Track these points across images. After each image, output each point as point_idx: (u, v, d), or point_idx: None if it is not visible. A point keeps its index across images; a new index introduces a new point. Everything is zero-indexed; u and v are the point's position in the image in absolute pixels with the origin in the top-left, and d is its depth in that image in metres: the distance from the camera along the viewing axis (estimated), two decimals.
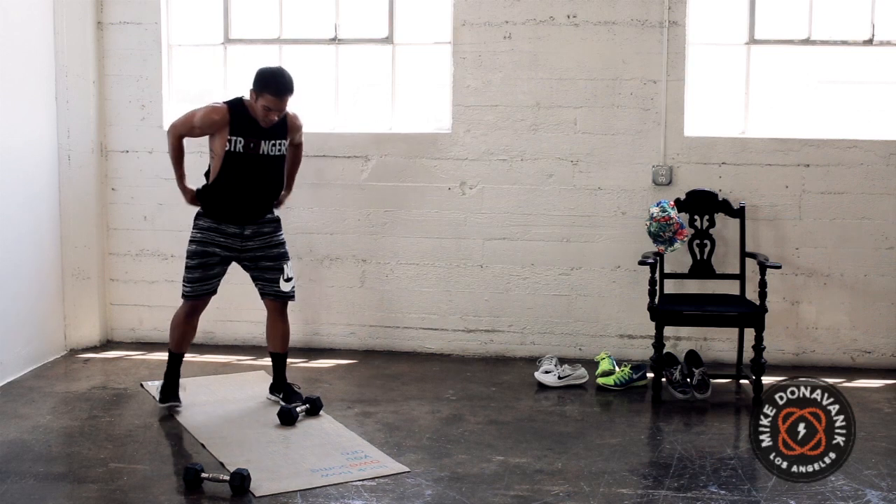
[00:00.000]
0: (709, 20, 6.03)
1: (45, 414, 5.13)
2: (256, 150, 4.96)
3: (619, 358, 5.92)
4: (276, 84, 4.87)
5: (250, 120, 4.93)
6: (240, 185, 4.99)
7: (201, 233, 5.05)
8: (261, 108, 4.88)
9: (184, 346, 5.22)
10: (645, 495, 4.15)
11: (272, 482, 4.24)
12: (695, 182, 5.95)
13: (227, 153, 4.93)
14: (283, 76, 4.93)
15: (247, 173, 4.98)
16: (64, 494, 4.14)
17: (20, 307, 5.84)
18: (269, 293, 5.18)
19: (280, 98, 4.87)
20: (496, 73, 6.09)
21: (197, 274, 5.04)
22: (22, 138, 5.86)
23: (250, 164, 4.97)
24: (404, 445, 4.70)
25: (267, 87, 4.85)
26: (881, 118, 6.09)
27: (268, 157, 5.01)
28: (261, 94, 4.86)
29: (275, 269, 5.13)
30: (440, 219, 6.22)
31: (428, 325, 6.31)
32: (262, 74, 4.92)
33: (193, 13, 6.45)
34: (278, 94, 4.86)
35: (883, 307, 5.99)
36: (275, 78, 4.89)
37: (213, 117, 4.93)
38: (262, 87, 4.87)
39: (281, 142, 5.05)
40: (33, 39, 5.97)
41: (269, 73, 4.93)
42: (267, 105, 4.86)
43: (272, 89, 4.85)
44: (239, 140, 4.92)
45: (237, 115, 4.92)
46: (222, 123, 4.91)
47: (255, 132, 4.95)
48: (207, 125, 4.95)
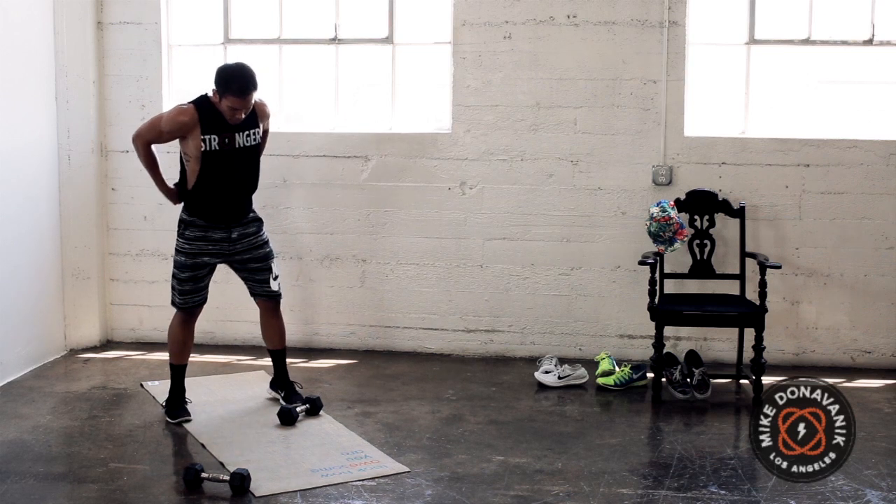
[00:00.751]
0: (709, 20, 6.03)
1: (45, 414, 5.13)
2: (232, 145, 4.88)
3: (619, 358, 5.92)
4: (238, 83, 4.74)
5: (219, 115, 4.82)
6: (221, 183, 4.91)
7: (189, 243, 4.95)
8: (226, 109, 4.78)
9: (185, 356, 5.14)
10: (645, 495, 4.15)
11: (272, 482, 4.25)
12: (695, 182, 5.95)
13: (203, 153, 4.82)
14: (244, 74, 4.78)
15: (226, 170, 4.90)
16: (64, 494, 4.14)
17: (20, 307, 5.84)
18: (261, 293, 5.15)
19: (243, 97, 4.76)
20: (496, 73, 6.09)
21: (188, 286, 4.99)
22: (22, 138, 5.86)
23: (228, 160, 4.89)
24: (404, 445, 4.70)
25: (229, 88, 4.74)
26: (881, 118, 6.09)
27: (244, 149, 4.93)
28: (224, 95, 4.76)
29: (263, 269, 5.10)
30: (440, 219, 6.22)
31: (428, 325, 6.31)
32: (222, 74, 4.80)
33: (193, 13, 6.44)
34: (241, 93, 4.75)
35: (883, 307, 5.99)
36: (235, 77, 4.76)
37: (182, 119, 4.80)
38: (223, 87, 4.76)
39: (254, 131, 4.97)
40: (33, 39, 5.97)
41: (230, 72, 4.80)
42: (231, 105, 4.76)
43: (234, 89, 4.74)
44: (213, 138, 4.82)
45: (206, 113, 4.81)
46: (192, 124, 4.79)
47: (227, 127, 4.85)
48: (177, 128, 4.82)
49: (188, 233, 4.96)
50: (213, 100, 4.84)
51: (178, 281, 5.00)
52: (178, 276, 4.99)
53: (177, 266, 4.99)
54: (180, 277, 4.98)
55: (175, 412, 5.01)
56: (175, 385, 5.10)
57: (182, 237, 4.98)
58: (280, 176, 6.27)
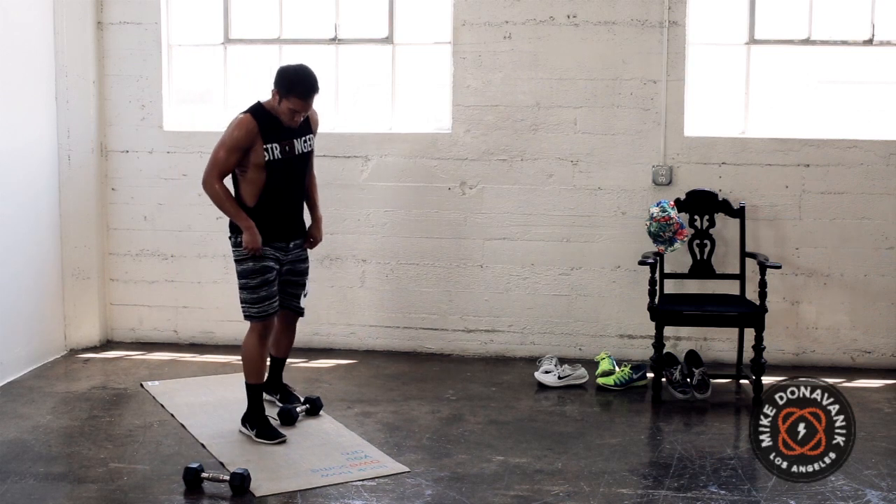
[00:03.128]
0: (709, 20, 6.03)
1: (45, 414, 5.13)
2: (293, 152, 4.75)
3: (619, 358, 5.92)
4: (303, 85, 4.63)
5: (277, 122, 4.67)
6: (286, 193, 4.78)
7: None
8: (286, 111, 4.63)
9: (264, 374, 4.83)
10: (645, 495, 4.15)
11: (272, 482, 4.25)
12: (695, 182, 5.95)
13: (267, 164, 4.65)
14: (309, 76, 4.67)
15: (289, 178, 4.77)
16: (64, 494, 4.14)
17: (20, 307, 5.84)
18: (288, 306, 4.99)
19: (306, 100, 4.65)
20: (496, 73, 6.09)
21: (263, 292, 4.71)
22: (22, 138, 5.86)
23: (290, 168, 4.76)
24: (404, 445, 4.70)
25: (292, 89, 4.60)
26: (881, 118, 6.09)
27: (301, 156, 4.81)
28: (286, 97, 4.61)
29: (298, 283, 4.97)
30: (440, 219, 6.22)
31: (428, 325, 6.31)
32: (286, 75, 4.66)
33: (193, 13, 6.45)
34: (304, 95, 4.63)
35: (883, 307, 5.99)
36: (300, 78, 4.64)
37: (245, 130, 4.62)
38: (287, 88, 4.61)
39: (309, 137, 4.87)
40: (33, 39, 5.97)
41: (294, 73, 4.66)
42: (293, 107, 4.62)
43: (298, 91, 4.61)
44: (274, 146, 4.67)
45: (265, 122, 4.65)
46: (255, 133, 4.62)
47: (286, 133, 4.71)
48: (243, 140, 4.62)
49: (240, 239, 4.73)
50: (267, 105, 4.69)
51: (251, 290, 4.71)
52: (250, 284, 4.71)
53: (245, 275, 4.72)
54: (252, 285, 4.71)
55: (271, 432, 4.71)
56: (258, 405, 4.77)
57: (239, 245, 4.72)
58: None
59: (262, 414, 4.75)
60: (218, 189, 4.68)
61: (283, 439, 4.67)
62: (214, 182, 4.67)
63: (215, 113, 6.51)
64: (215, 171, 4.66)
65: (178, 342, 6.47)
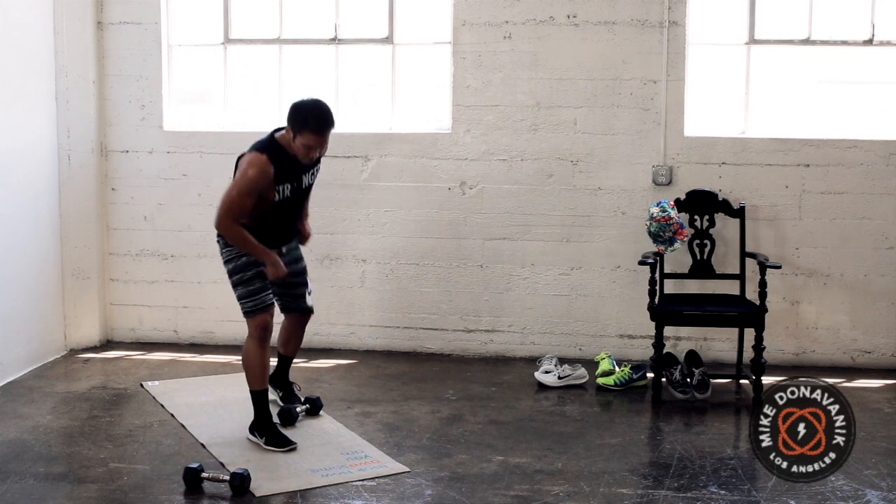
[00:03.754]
0: (709, 20, 6.03)
1: (45, 414, 5.13)
2: (300, 187, 4.73)
3: (619, 358, 5.92)
4: (317, 121, 4.51)
5: (290, 160, 4.58)
6: (284, 218, 4.77)
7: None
8: (301, 147, 4.52)
9: (266, 379, 4.75)
10: (645, 495, 4.15)
11: (272, 482, 4.25)
12: (695, 182, 5.95)
13: (275, 203, 4.62)
14: (323, 112, 4.55)
15: (290, 207, 4.76)
16: (64, 494, 4.14)
17: (20, 307, 5.84)
18: (296, 309, 5.00)
19: (322, 135, 4.53)
20: (496, 73, 6.09)
21: (258, 284, 4.67)
22: (22, 138, 5.86)
23: (294, 200, 4.74)
24: (404, 445, 4.70)
25: (306, 125, 4.49)
26: (881, 118, 6.09)
27: (308, 186, 4.83)
28: (300, 133, 4.50)
29: (301, 283, 4.96)
30: (440, 219, 6.22)
31: (428, 325, 6.31)
32: (300, 111, 4.53)
33: (193, 13, 6.44)
34: (320, 130, 4.52)
35: (883, 307, 5.99)
36: (314, 114, 4.52)
37: (260, 177, 4.51)
38: (301, 125, 4.49)
39: (318, 167, 4.83)
40: (33, 39, 5.97)
41: (308, 109, 4.54)
42: (308, 143, 4.51)
43: (312, 127, 4.49)
44: (286, 186, 4.63)
45: (279, 163, 4.55)
46: (270, 178, 4.54)
47: (297, 171, 4.65)
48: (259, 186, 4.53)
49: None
50: (281, 139, 4.59)
51: (246, 283, 4.67)
52: (244, 277, 4.66)
53: (238, 271, 4.67)
54: (247, 277, 4.66)
55: (280, 439, 4.64)
56: (265, 411, 4.70)
57: (228, 245, 4.69)
58: None
59: (269, 421, 4.70)
60: (236, 231, 4.57)
61: (293, 446, 4.61)
62: (231, 224, 4.56)
63: (215, 113, 6.51)
64: (231, 214, 4.55)
65: (178, 342, 6.47)
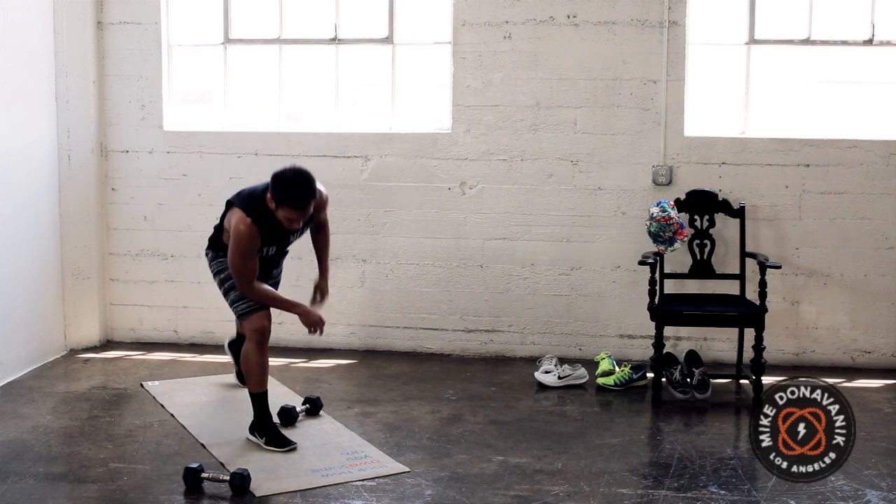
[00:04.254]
0: (709, 20, 6.03)
1: (45, 414, 5.13)
2: (285, 244, 4.82)
3: (619, 358, 5.92)
4: (295, 196, 4.47)
5: (276, 225, 4.58)
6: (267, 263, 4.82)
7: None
8: (284, 219, 4.52)
9: (266, 381, 4.73)
10: (645, 495, 4.15)
11: (272, 482, 4.25)
12: (695, 182, 5.95)
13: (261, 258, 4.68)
14: (300, 185, 4.49)
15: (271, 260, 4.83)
16: (64, 494, 4.14)
17: (20, 307, 5.84)
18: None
19: (300, 209, 4.49)
20: (496, 73, 6.09)
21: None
22: (22, 138, 5.86)
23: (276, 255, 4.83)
24: (404, 445, 4.70)
25: (285, 199, 4.46)
26: (881, 118, 6.09)
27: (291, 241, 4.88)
28: (280, 206, 4.48)
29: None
30: (440, 219, 6.22)
31: (428, 325, 6.31)
32: (278, 184, 4.48)
33: (193, 13, 6.44)
34: (297, 205, 4.48)
35: (883, 307, 5.99)
36: (292, 188, 4.47)
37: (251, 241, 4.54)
38: (280, 198, 4.47)
39: (305, 228, 4.84)
40: (33, 39, 5.97)
41: (286, 182, 4.48)
42: (289, 217, 4.50)
43: (290, 201, 4.46)
44: (272, 248, 4.72)
45: (265, 227, 4.57)
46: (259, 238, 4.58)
47: (282, 233, 4.67)
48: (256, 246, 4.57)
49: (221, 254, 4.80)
50: (269, 204, 4.55)
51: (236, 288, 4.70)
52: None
53: (229, 276, 4.71)
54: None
55: (280, 440, 4.64)
56: (265, 414, 4.70)
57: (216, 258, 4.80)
58: None
59: (270, 422, 4.71)
60: (261, 293, 4.64)
61: (293, 446, 4.62)
62: (253, 290, 4.61)
63: (215, 113, 6.51)
64: (247, 282, 4.59)
65: (178, 342, 6.47)
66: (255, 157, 6.29)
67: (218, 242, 4.83)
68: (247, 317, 4.70)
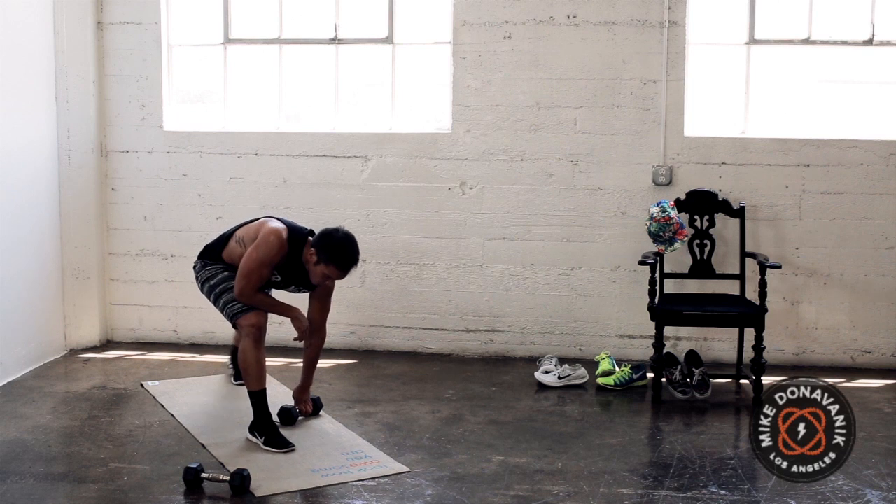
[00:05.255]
0: (709, 20, 6.04)
1: (45, 414, 5.13)
2: (287, 286, 4.87)
3: (619, 358, 5.92)
4: (346, 260, 4.61)
5: (300, 268, 4.71)
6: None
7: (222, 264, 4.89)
8: (320, 275, 4.65)
9: (265, 378, 4.73)
10: (645, 495, 4.15)
11: (272, 482, 4.24)
12: (695, 182, 5.95)
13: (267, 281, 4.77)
14: (354, 253, 4.64)
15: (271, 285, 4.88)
16: (64, 494, 4.14)
17: (20, 307, 5.84)
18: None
19: (346, 273, 4.65)
20: (496, 73, 6.09)
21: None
22: (22, 138, 5.86)
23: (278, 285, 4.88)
24: (404, 445, 4.70)
25: (334, 260, 4.59)
26: (881, 118, 6.09)
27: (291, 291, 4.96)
28: (326, 263, 4.60)
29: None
30: (440, 219, 6.22)
31: (428, 325, 6.31)
32: (332, 244, 4.60)
33: (193, 13, 6.45)
34: (345, 268, 4.62)
35: (883, 307, 5.99)
36: (344, 252, 4.61)
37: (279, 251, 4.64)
38: (329, 257, 4.59)
39: (307, 291, 4.91)
40: (33, 39, 5.97)
41: (338, 243, 4.61)
42: (329, 275, 4.65)
43: (340, 265, 4.60)
44: (277, 276, 4.77)
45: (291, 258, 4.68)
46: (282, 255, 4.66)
47: (296, 279, 4.78)
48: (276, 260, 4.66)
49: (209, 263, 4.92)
50: (305, 251, 4.67)
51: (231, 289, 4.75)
52: (229, 286, 4.76)
53: (221, 282, 4.80)
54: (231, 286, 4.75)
55: (280, 441, 4.63)
56: (265, 412, 4.70)
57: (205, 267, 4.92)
58: (280, 176, 6.28)
59: (269, 421, 4.70)
60: (258, 299, 4.71)
61: (292, 448, 4.61)
62: (254, 297, 4.69)
63: (215, 113, 6.51)
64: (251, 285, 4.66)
65: (178, 342, 6.47)
66: (255, 157, 6.30)
67: (213, 254, 4.91)
68: (242, 315, 4.72)
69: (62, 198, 6.24)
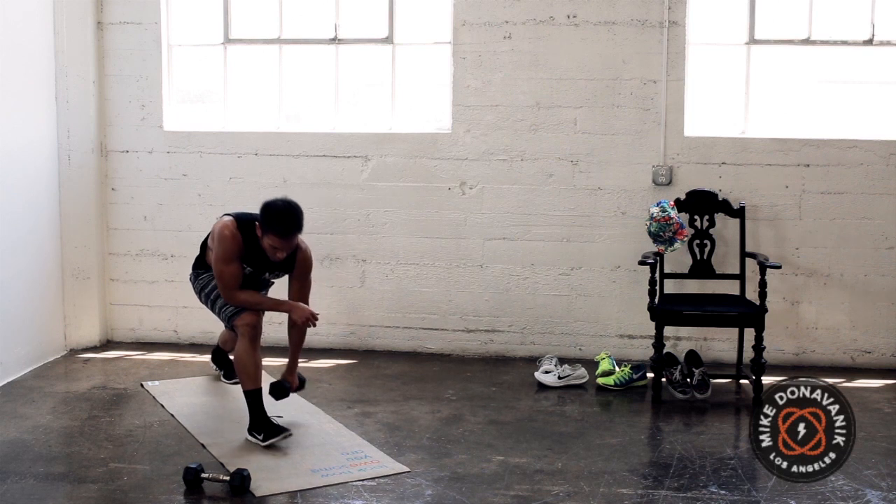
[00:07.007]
0: (709, 20, 6.04)
1: (45, 414, 5.13)
2: (260, 274, 4.91)
3: (619, 358, 5.92)
4: (282, 224, 4.61)
5: (259, 251, 4.73)
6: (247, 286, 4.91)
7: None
8: (268, 246, 4.66)
9: (260, 376, 4.76)
10: (645, 495, 4.15)
11: (272, 482, 4.24)
12: (695, 182, 5.95)
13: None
14: (289, 215, 4.65)
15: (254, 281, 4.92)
16: (64, 494, 4.14)
17: (20, 307, 5.84)
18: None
19: (286, 239, 4.64)
20: (496, 73, 6.09)
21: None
22: (22, 138, 5.86)
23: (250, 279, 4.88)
24: (404, 445, 4.70)
25: (272, 227, 4.61)
26: (881, 118, 6.09)
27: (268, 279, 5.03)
28: (267, 233, 4.63)
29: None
30: (440, 219, 6.22)
31: (428, 325, 6.31)
32: (267, 212, 4.64)
33: (193, 13, 6.45)
34: (284, 234, 4.62)
35: (883, 307, 5.99)
36: (280, 217, 4.62)
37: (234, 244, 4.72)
38: (267, 225, 4.62)
39: (284, 274, 4.96)
40: (33, 39, 5.97)
41: (275, 210, 4.64)
42: (273, 245, 4.64)
43: (277, 229, 4.60)
44: (248, 268, 4.81)
45: (248, 245, 4.73)
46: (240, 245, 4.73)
47: (262, 262, 4.81)
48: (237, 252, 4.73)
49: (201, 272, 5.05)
50: (256, 231, 4.71)
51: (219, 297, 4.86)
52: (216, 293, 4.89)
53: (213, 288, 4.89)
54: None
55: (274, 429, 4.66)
56: (259, 409, 4.71)
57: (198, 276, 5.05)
58: (280, 176, 6.28)
59: (265, 418, 4.71)
60: (244, 298, 4.78)
61: (288, 433, 4.66)
62: (237, 296, 4.77)
63: (215, 113, 6.51)
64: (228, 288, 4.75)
65: (178, 342, 6.48)
66: (255, 157, 6.30)
67: (202, 263, 5.05)
68: (237, 316, 4.78)
69: (62, 198, 6.24)
